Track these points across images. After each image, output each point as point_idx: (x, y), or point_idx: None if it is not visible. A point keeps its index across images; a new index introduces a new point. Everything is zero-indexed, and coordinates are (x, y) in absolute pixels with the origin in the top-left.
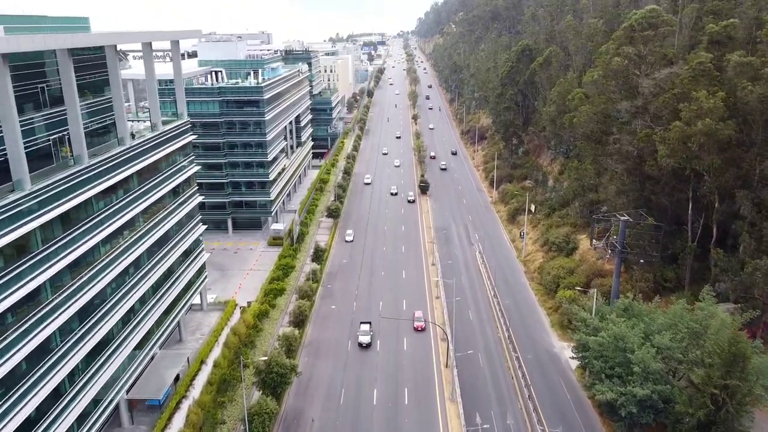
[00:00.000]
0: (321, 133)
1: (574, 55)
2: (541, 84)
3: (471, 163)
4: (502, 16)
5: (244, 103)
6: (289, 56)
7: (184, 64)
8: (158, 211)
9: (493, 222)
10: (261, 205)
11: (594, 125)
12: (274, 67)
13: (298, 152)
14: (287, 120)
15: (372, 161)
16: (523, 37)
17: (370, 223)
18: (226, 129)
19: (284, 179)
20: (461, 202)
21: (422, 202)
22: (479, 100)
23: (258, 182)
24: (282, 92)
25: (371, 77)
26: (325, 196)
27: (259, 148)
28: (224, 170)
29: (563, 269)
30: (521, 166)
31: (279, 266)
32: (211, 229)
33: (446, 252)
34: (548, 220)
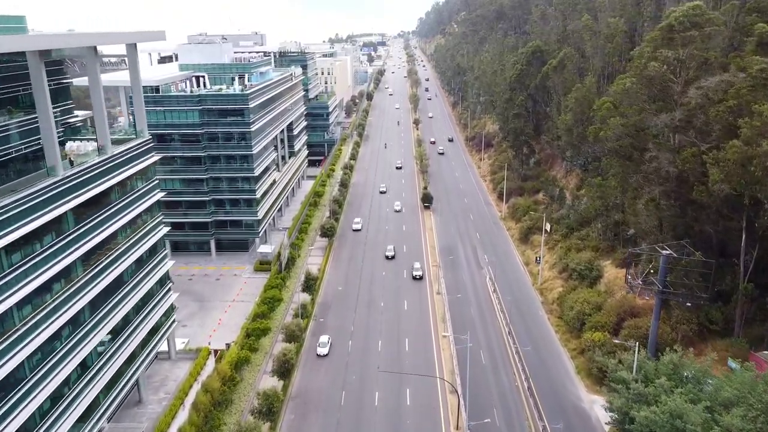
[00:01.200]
0: (317, 139)
1: (591, 58)
2: (555, 89)
3: (477, 173)
4: (508, 15)
5: (228, 112)
6: (284, 58)
7: (162, 69)
8: (107, 253)
9: (504, 241)
10: (247, 225)
11: (625, 140)
12: (263, 71)
13: (290, 163)
14: (278, 129)
15: (371, 170)
16: (531, 38)
17: (368, 243)
18: (208, 141)
19: (274, 194)
20: (468, 218)
21: (425, 217)
22: (485, 105)
23: (244, 200)
24: (272, 99)
25: (371, 79)
26: (319, 212)
27: (245, 162)
28: (206, 186)
29: (588, 304)
30: (533, 177)
31: (264, 299)
32: (193, 250)
33: (453, 278)
34: (566, 242)
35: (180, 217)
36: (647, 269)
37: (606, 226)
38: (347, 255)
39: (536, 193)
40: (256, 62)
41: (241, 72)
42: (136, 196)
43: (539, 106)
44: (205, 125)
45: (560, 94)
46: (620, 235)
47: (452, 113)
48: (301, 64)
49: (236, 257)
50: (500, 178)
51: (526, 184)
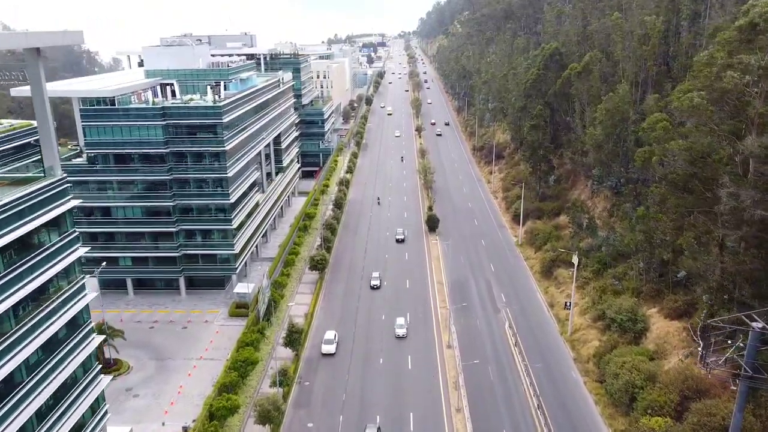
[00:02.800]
0: (312, 148)
1: (620, 62)
2: (579, 97)
3: (487, 188)
4: (517, 14)
5: (197, 128)
6: (275, 61)
7: (122, 76)
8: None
9: (522, 275)
10: (222, 260)
11: (686, 168)
12: (244, 78)
13: (278, 181)
14: (262, 143)
15: (369, 184)
16: (543, 39)
17: (366, 277)
18: (174, 162)
19: (256, 221)
20: (479, 244)
21: (430, 243)
22: (494, 112)
23: (218, 231)
24: (254, 109)
25: (371, 82)
26: (310, 237)
27: (219, 187)
28: (173, 215)
29: (638, 372)
30: (552, 197)
31: (235, 362)
32: (160, 287)
33: (465, 324)
34: (599, 281)
35: (142, 250)
36: (727, 345)
37: (650, 265)
38: (341, 291)
39: (556, 216)
40: (237, 67)
41: (218, 79)
42: (42, 258)
43: (557, 115)
44: (171, 143)
45: (585, 103)
46: (668, 277)
47: (457, 119)
48: (294, 67)
49: (209, 297)
50: (514, 196)
51: (545, 204)
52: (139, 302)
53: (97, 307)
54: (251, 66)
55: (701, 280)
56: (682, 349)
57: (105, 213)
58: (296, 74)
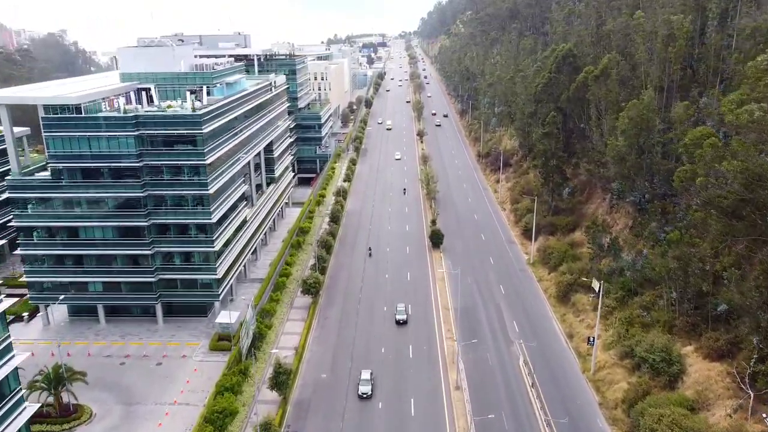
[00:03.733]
0: (308, 154)
1: (642, 66)
2: (596, 103)
3: (493, 198)
4: (523, 14)
5: (175, 139)
6: (270, 62)
7: (93, 81)
8: None
9: (536, 299)
10: (204, 286)
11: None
12: (231, 82)
13: (270, 192)
14: (251, 153)
15: (369, 193)
16: (551, 39)
17: (364, 300)
18: (150, 177)
19: (243, 239)
20: (487, 262)
21: (434, 261)
22: (500, 116)
23: (199, 254)
24: (241, 116)
25: (370, 83)
26: (304, 254)
27: (199, 205)
28: (148, 236)
29: (680, 430)
30: (566, 211)
31: (212, 412)
32: (136, 315)
33: (475, 359)
34: (624, 310)
35: (114, 275)
36: None
37: (683, 296)
38: (336, 317)
39: (571, 232)
40: (223, 70)
41: (201, 83)
42: None
43: (570, 121)
44: (145, 156)
45: (603, 109)
46: (706, 310)
47: (460, 122)
48: (290, 68)
49: (190, 326)
50: (524, 209)
51: (558, 218)
52: (110, 332)
53: (64, 337)
54: (239, 68)
55: (747, 316)
56: (728, 398)
57: (72, 233)
58: (292, 76)
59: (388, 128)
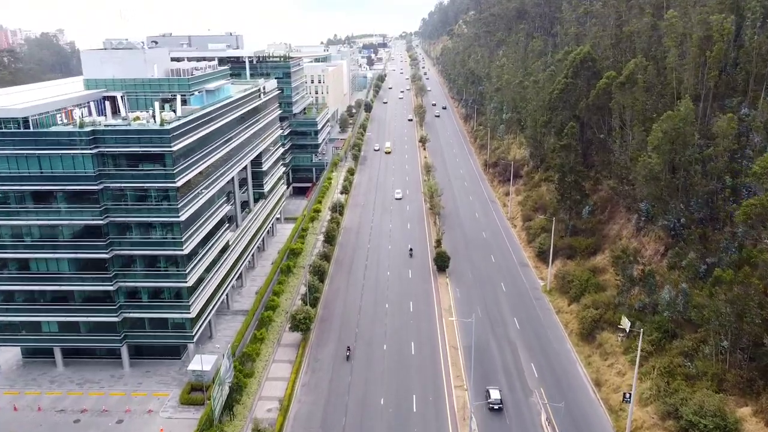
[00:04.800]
0: (304, 162)
1: (674, 71)
2: (621, 113)
3: (502, 212)
4: (531, 14)
5: (140, 159)
6: (263, 65)
7: (49, 89)
8: None
9: (556, 335)
10: (175, 326)
11: None
12: (212, 89)
13: (258, 210)
14: (235, 168)
15: (368, 207)
16: (563, 41)
17: (360, 338)
18: (111, 202)
19: (225, 268)
20: (498, 289)
21: (440, 287)
22: (509, 123)
23: (168, 289)
24: (223, 128)
25: (370, 86)
26: (294, 280)
27: (169, 234)
28: (110, 270)
29: None
30: (585, 231)
31: None
32: (100, 356)
33: (489, 415)
34: (662, 356)
35: (71, 314)
36: None
37: (736, 345)
38: (328, 359)
39: (592, 255)
40: (202, 75)
41: (177, 91)
42: None
43: (588, 131)
44: (105, 178)
45: (628, 120)
46: (764, 361)
47: (464, 128)
48: (284, 71)
49: (160, 370)
50: (537, 227)
51: (577, 240)
52: (68, 378)
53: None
54: (223, 73)
55: None
56: None
57: (23, 266)
58: (286, 80)
59: (387, 151)
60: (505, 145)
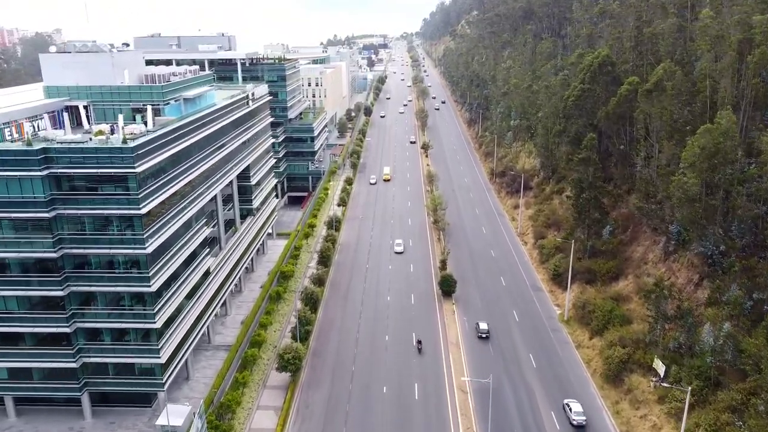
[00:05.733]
0: (300, 170)
1: (709, 79)
2: (647, 123)
3: (511, 227)
4: (538, 14)
5: (100, 181)
6: (256, 67)
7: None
8: None
9: (577, 376)
10: (143, 372)
11: None
12: (192, 97)
13: (246, 228)
14: (219, 185)
15: (367, 221)
16: (574, 43)
17: (357, 378)
18: (66, 232)
19: (204, 300)
20: (511, 318)
21: (446, 314)
22: (517, 130)
23: (135, 330)
24: (201, 142)
25: (371, 88)
26: (284, 307)
27: (134, 268)
28: (66, 309)
29: None
30: (606, 253)
31: None
32: (59, 404)
33: None
34: (706, 410)
35: (22, 358)
36: None
37: None
38: (321, 405)
39: (614, 280)
40: (180, 81)
41: (149, 100)
42: None
43: (605, 139)
44: (58, 203)
45: (656, 131)
46: None
47: (468, 133)
48: (279, 74)
49: (128, 420)
50: (551, 246)
51: (597, 263)
52: (20, 431)
53: None
54: (205, 78)
55: None
56: None
57: None
58: (281, 83)
59: (386, 178)
60: (513, 153)
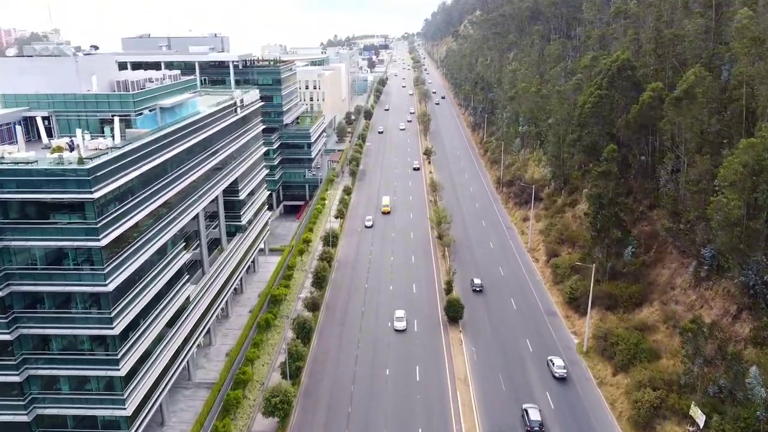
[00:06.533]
0: (296, 178)
1: (747, 86)
2: (674, 134)
3: (520, 241)
4: (545, 14)
5: (52, 208)
6: (250, 70)
7: None
8: None
9: (602, 420)
10: (107, 425)
11: None
12: (169, 105)
13: (234, 247)
14: (200, 203)
15: (366, 236)
16: (585, 45)
17: (354, 421)
18: (14, 266)
19: (180, 335)
20: (523, 347)
21: (452, 343)
22: (527, 137)
23: (95, 379)
24: (180, 157)
25: (371, 90)
26: (274, 336)
27: (94, 307)
28: (15, 354)
29: None
30: (627, 276)
31: None
32: None
33: None
34: None
35: None
36: None
37: None
38: None
39: (637, 307)
40: (156, 89)
41: (119, 110)
42: None
43: (623, 149)
44: (5, 233)
45: (686, 143)
46: None
47: (472, 138)
48: (274, 77)
49: None
50: (565, 266)
51: (618, 287)
52: None
53: None
54: (186, 85)
55: None
56: None
57: None
58: (276, 86)
59: (385, 210)
60: (521, 161)
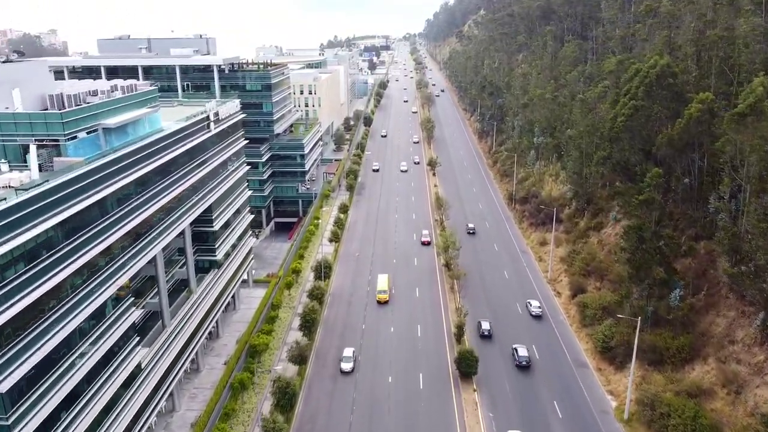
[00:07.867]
0: (288, 193)
1: None
2: (732, 157)
3: (539, 269)
4: (558, 13)
5: None
6: (237, 75)
7: None
8: None
9: None
10: None
11: None
12: (113, 126)
13: (207, 287)
14: (157, 245)
15: (363, 261)
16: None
17: None
18: None
19: (127, 417)
20: (551, 411)
21: (465, 406)
22: (544, 149)
23: None
24: (124, 192)
25: (371, 94)
26: (252, 398)
27: None
28: None
29: None
30: (674, 323)
31: None
32: None
33: None
34: None
35: None
36: None
37: None
38: None
39: (687, 363)
40: (101, 104)
41: (43, 133)
42: None
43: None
44: None
45: (752, 169)
46: None
47: (480, 147)
48: (263, 83)
49: None
50: (595, 305)
51: (663, 336)
52: None
53: None
54: (145, 97)
55: None
56: None
57: None
58: (266, 93)
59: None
60: (536, 175)
